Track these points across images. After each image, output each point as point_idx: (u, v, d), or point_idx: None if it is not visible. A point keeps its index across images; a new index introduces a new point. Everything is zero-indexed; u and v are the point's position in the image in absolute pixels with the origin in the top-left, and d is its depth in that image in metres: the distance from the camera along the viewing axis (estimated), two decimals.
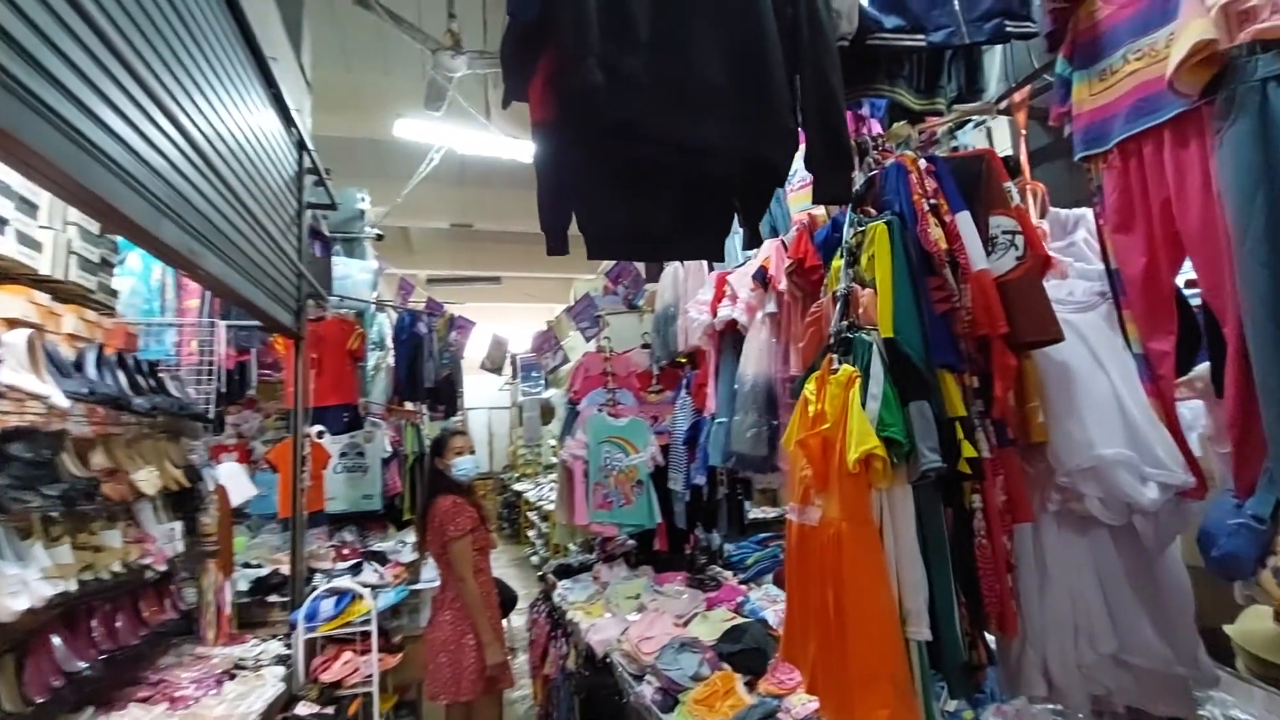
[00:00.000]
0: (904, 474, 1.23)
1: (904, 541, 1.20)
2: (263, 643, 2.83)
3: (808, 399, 1.49)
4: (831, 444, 1.33)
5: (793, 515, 1.48)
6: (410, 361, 5.26)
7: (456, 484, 3.07)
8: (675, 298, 3.72)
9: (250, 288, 2.56)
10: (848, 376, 1.30)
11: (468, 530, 2.89)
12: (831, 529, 1.29)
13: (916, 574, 1.20)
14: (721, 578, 3.54)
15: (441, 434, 3.13)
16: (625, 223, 1.34)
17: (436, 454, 3.09)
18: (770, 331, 2.35)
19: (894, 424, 1.21)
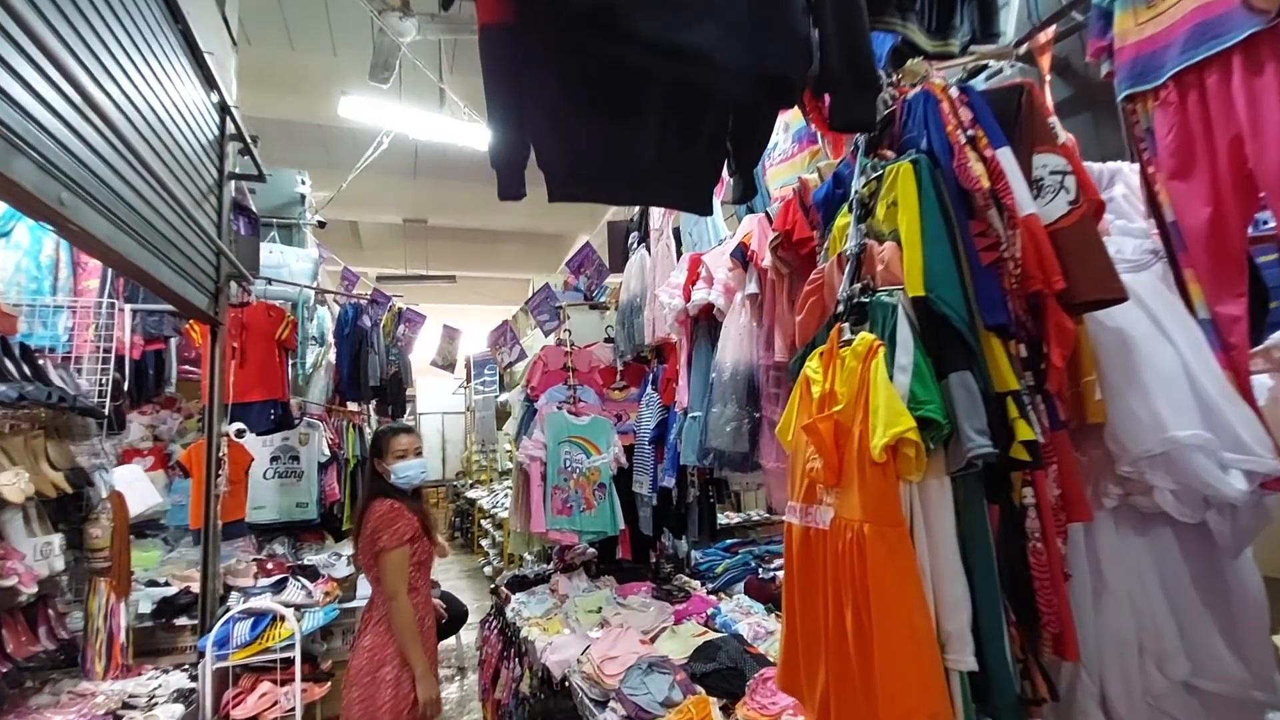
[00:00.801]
0: (940, 463, 0.99)
1: (941, 547, 0.97)
2: (163, 674, 2.44)
3: (810, 378, 1.25)
4: (847, 429, 1.09)
5: (793, 517, 1.24)
6: (353, 357, 4.87)
7: (398, 490, 2.54)
8: (642, 288, 3.47)
9: (151, 259, 2.19)
10: (867, 346, 1.06)
11: (405, 540, 2.35)
12: (849, 532, 1.04)
13: (957, 587, 0.96)
14: (689, 588, 3.29)
15: (382, 431, 2.57)
16: (596, 154, 1.08)
17: (375, 455, 2.53)
18: (751, 314, 2.12)
19: (930, 400, 0.97)
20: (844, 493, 1.09)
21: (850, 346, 1.11)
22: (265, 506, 4.28)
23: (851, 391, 1.09)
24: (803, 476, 1.22)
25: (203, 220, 2.66)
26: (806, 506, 1.20)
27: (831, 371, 1.17)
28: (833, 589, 1.08)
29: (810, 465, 1.16)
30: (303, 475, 4.39)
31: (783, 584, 1.28)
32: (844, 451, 1.09)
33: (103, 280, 3.05)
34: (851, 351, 1.09)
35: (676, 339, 3.02)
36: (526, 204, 4.32)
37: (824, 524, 1.13)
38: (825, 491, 1.14)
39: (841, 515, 1.08)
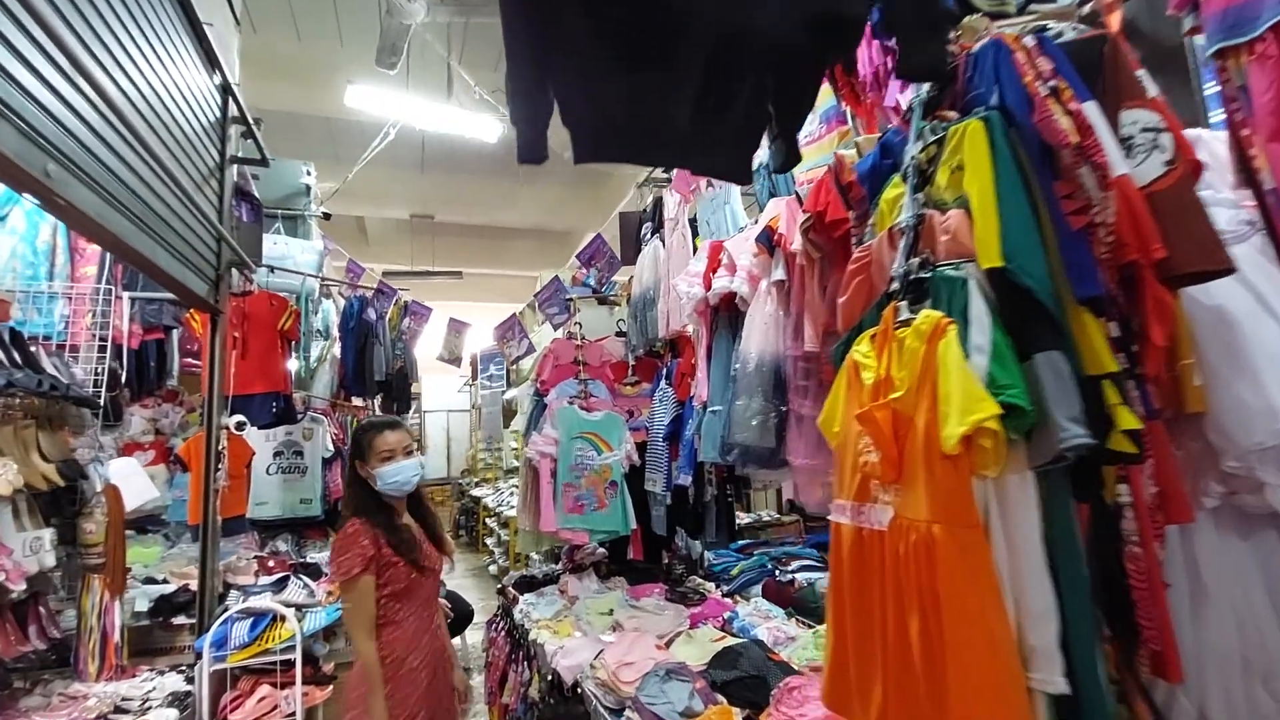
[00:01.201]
0: (1022, 455, 0.88)
1: (1024, 551, 0.85)
2: (158, 676, 2.33)
3: (860, 363, 1.13)
4: (908, 418, 0.97)
5: (842, 516, 1.12)
6: (358, 351, 4.78)
7: (378, 502, 2.01)
8: (655, 280, 3.36)
9: (147, 241, 2.08)
10: (933, 325, 0.94)
11: (354, 573, 1.85)
12: (913, 534, 0.93)
13: (1043, 597, 0.84)
14: (704, 590, 3.17)
15: (363, 428, 2.08)
16: (626, 111, 0.96)
17: (357, 456, 2.03)
18: (778, 302, 2.00)
19: (1012, 384, 0.85)
20: (906, 490, 0.97)
21: (911, 326, 0.99)
22: (268, 502, 4.19)
23: (913, 376, 0.97)
24: (854, 472, 1.10)
25: (203, 204, 2.56)
26: (859, 505, 1.08)
27: (886, 355, 1.06)
28: (893, 596, 0.97)
29: (864, 459, 1.04)
30: (306, 471, 4.29)
31: (828, 589, 1.17)
32: (905, 443, 0.98)
33: (101, 266, 2.95)
34: (913, 332, 0.97)
35: (693, 331, 2.90)
36: (536, 200, 4.18)
37: (881, 524, 1.01)
38: (882, 488, 1.03)
39: (903, 515, 0.97)
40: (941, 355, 0.90)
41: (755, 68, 1.00)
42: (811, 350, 1.83)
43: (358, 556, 1.86)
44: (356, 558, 1.86)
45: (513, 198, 9.29)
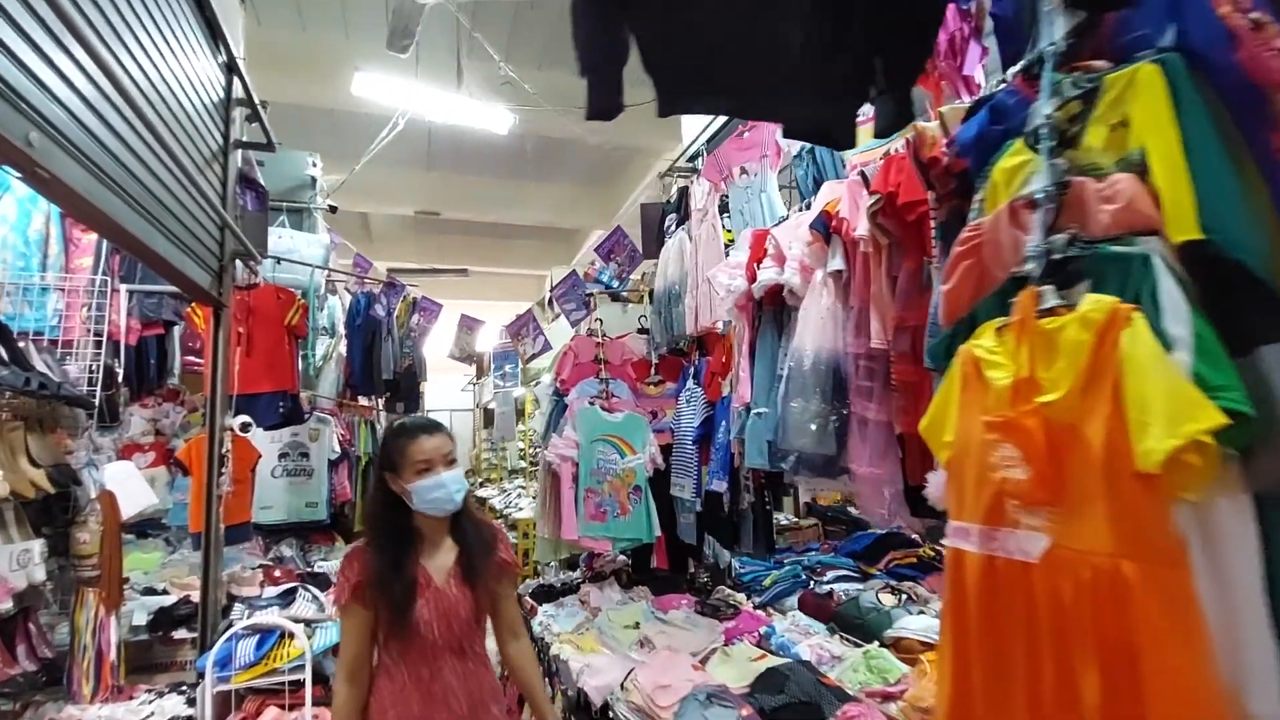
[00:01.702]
0: (1237, 475, 0.70)
1: (1241, 596, 0.68)
2: (157, 698, 2.16)
3: (984, 360, 0.95)
4: (1070, 427, 0.80)
5: (965, 542, 0.94)
6: (365, 349, 4.61)
7: (399, 525, 1.64)
8: (681, 274, 3.19)
9: (144, 225, 1.91)
10: (1107, 312, 0.77)
11: (340, 601, 1.60)
12: (1085, 569, 0.76)
13: (1265, 653, 0.67)
14: (735, 601, 2.99)
15: (393, 433, 1.71)
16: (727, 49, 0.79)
17: (387, 468, 1.64)
18: (835, 295, 1.83)
19: (1228, 385, 0.68)
20: (1069, 514, 0.80)
21: (1069, 315, 0.81)
22: (273, 506, 4.03)
23: (1077, 375, 0.79)
24: (980, 488, 0.92)
25: (206, 189, 2.38)
26: (990, 529, 0.90)
27: (1026, 350, 0.88)
28: (1052, 642, 0.79)
29: (1001, 475, 0.87)
30: (313, 473, 4.13)
31: (945, 625, 0.99)
32: (1066, 456, 0.80)
33: (97, 258, 2.79)
34: (1076, 321, 0.80)
35: (727, 327, 2.73)
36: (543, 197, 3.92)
37: (1029, 554, 0.84)
38: (1027, 511, 0.85)
39: (1067, 545, 0.79)
40: (1126, 350, 0.73)
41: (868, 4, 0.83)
42: (878, 347, 1.65)
43: (345, 584, 1.58)
44: (344, 584, 1.58)
45: (520, 195, 9.14)
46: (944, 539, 1.00)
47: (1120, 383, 0.73)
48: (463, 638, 1.65)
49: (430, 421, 1.74)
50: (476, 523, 1.74)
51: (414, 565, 1.62)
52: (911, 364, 1.58)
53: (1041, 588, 0.81)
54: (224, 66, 2.70)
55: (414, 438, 1.63)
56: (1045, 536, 0.82)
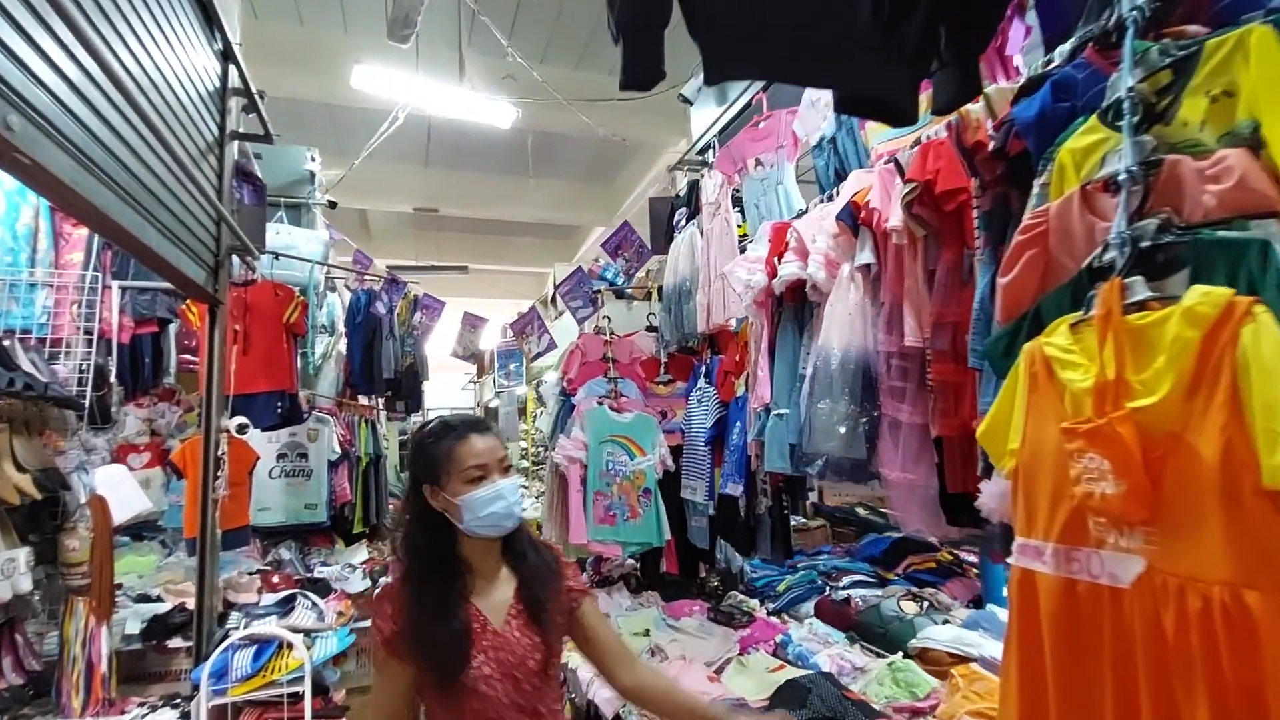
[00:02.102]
0: None
1: None
2: (150, 712, 2.07)
3: (1055, 360, 0.86)
4: (1171, 435, 0.71)
5: (1037, 562, 0.85)
6: (366, 347, 4.51)
7: (442, 552, 1.28)
8: (693, 270, 3.10)
9: (134, 218, 1.81)
10: (1221, 306, 0.68)
11: (377, 653, 1.25)
12: (1195, 599, 0.67)
13: None
14: (748, 608, 2.90)
15: (432, 433, 1.33)
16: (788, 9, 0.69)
17: (427, 479, 1.28)
18: (864, 290, 1.74)
19: None
20: (1170, 535, 0.71)
21: (1176, 308, 0.72)
22: (271, 508, 3.93)
23: (1179, 376, 0.70)
24: (1057, 503, 0.83)
25: (201, 181, 2.29)
26: (1069, 549, 0.81)
27: (1111, 349, 0.79)
28: (1149, 678, 0.70)
29: (1084, 489, 0.78)
30: (312, 474, 4.03)
31: (1010, 651, 0.90)
32: (1166, 469, 0.71)
33: (88, 253, 2.69)
34: (1182, 315, 0.70)
35: (740, 324, 2.64)
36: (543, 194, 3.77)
37: (1119, 579, 0.75)
38: (1117, 530, 0.76)
39: (1168, 570, 0.70)
40: (1249, 349, 0.64)
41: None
42: (912, 345, 1.56)
43: (376, 633, 1.24)
44: (375, 634, 1.24)
45: (520, 192, 9.04)
46: (1010, 558, 0.91)
47: (1241, 386, 0.64)
48: (534, 696, 1.24)
49: (477, 418, 1.40)
50: (534, 544, 1.36)
51: (465, 606, 1.24)
52: (951, 362, 1.49)
53: (1136, 617, 0.72)
54: (219, 54, 2.60)
55: (463, 438, 1.26)
56: (1140, 559, 0.72)
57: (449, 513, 1.25)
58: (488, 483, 1.24)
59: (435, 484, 1.26)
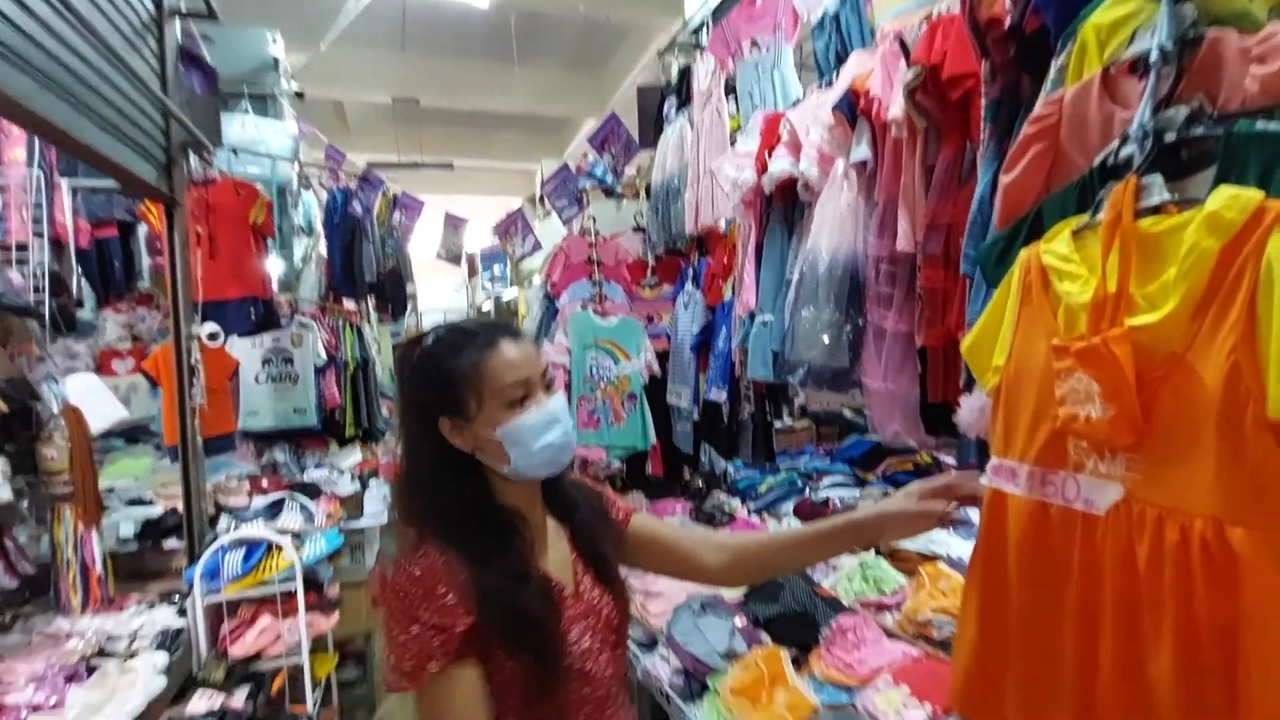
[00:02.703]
0: None
1: None
2: (148, 609, 2.14)
3: (1052, 270, 0.79)
4: (1170, 357, 0.64)
5: (1010, 483, 0.82)
6: (345, 250, 4.36)
7: (486, 505, 0.93)
8: (681, 166, 2.91)
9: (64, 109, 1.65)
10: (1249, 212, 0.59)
11: (426, 669, 0.81)
12: (1172, 530, 0.63)
13: None
14: (730, 508, 2.97)
15: (447, 344, 0.93)
16: None
17: (448, 409, 0.91)
18: (858, 189, 1.62)
19: None
20: (1154, 463, 0.66)
21: (1197, 212, 0.63)
22: (260, 413, 3.94)
23: (1190, 290, 0.63)
24: (1038, 423, 0.78)
25: (138, 67, 2.08)
26: (1044, 472, 0.77)
27: (1116, 259, 0.71)
28: (1115, 610, 0.68)
29: (1067, 410, 0.72)
30: (298, 379, 4.01)
31: (973, 570, 0.89)
32: (1160, 393, 0.65)
33: (29, 150, 2.49)
34: (1204, 222, 0.62)
35: (731, 225, 2.52)
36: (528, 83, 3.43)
37: (1094, 506, 0.71)
38: (1098, 455, 0.71)
39: (1146, 499, 0.66)
40: (1273, 261, 0.56)
41: None
42: (904, 250, 1.47)
43: (436, 634, 0.82)
44: (432, 638, 0.82)
45: (504, 80, 8.45)
46: (983, 476, 0.88)
47: (1260, 304, 0.57)
48: (624, 660, 1.04)
49: (499, 320, 1.05)
50: (577, 481, 1.10)
51: (539, 572, 0.93)
52: (942, 269, 1.41)
53: (1108, 546, 0.69)
54: None
55: (492, 347, 0.90)
56: (1119, 486, 0.68)
57: (483, 453, 0.92)
58: (535, 404, 0.91)
59: (459, 415, 0.90)
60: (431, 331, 0.96)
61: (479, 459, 0.93)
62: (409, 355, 0.96)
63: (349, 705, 2.90)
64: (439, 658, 0.81)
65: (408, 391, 0.97)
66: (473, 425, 0.91)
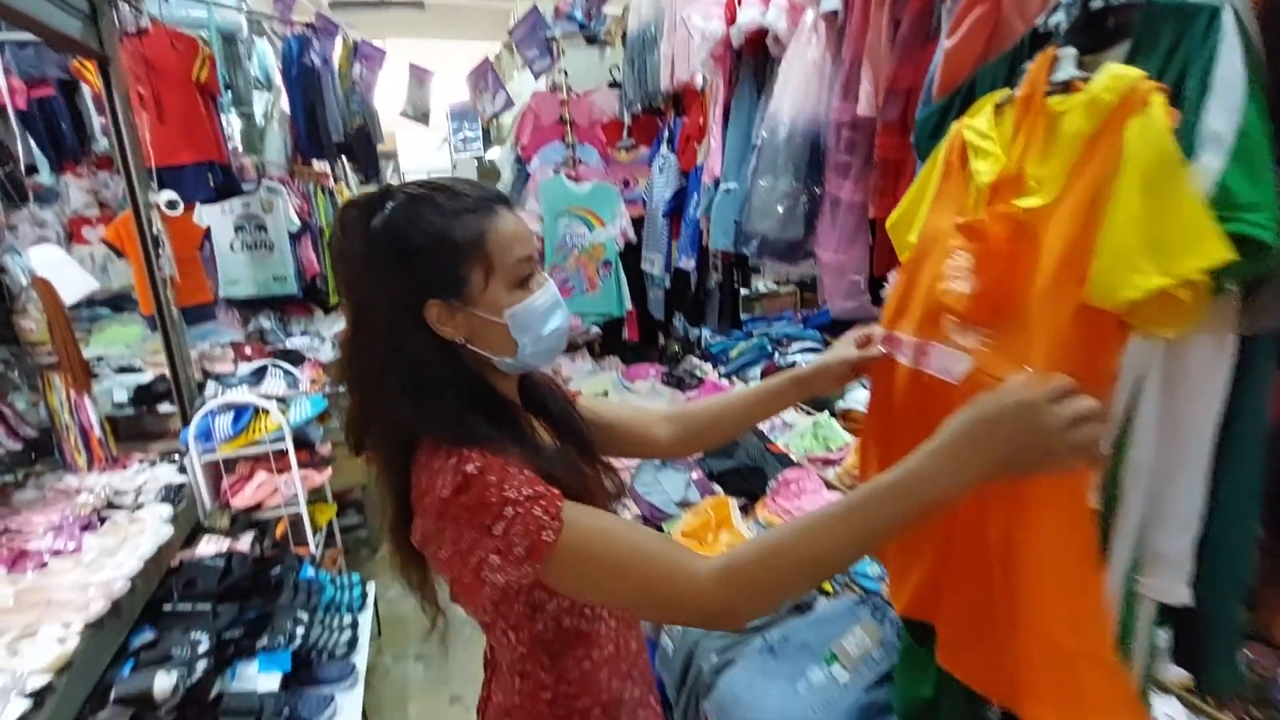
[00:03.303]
0: (1230, 314, 0.59)
1: (1189, 442, 0.62)
2: (150, 467, 2.30)
3: (973, 145, 0.78)
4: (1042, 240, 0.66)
5: (898, 352, 0.87)
6: (308, 106, 4.10)
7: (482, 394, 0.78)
8: (657, 13, 2.69)
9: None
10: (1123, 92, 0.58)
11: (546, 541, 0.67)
12: None
13: (1192, 499, 0.63)
14: (700, 372, 3.09)
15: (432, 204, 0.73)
16: None
17: (440, 290, 0.74)
18: (826, 45, 1.53)
19: (1258, 204, 0.53)
20: (1003, 338, 0.70)
21: (1079, 93, 0.62)
22: (240, 281, 3.94)
23: (1065, 175, 0.63)
24: (924, 297, 0.82)
25: None
26: (923, 343, 0.82)
27: (1024, 137, 0.70)
28: None
29: (944, 286, 0.75)
30: (274, 246, 3.96)
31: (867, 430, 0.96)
32: (1021, 274, 0.68)
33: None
34: (1082, 105, 0.61)
35: (706, 83, 2.37)
36: None
37: (952, 375, 0.76)
38: (962, 329, 0.76)
39: (989, 371, 0.71)
40: (1128, 145, 0.56)
41: None
42: (865, 115, 1.42)
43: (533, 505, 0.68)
44: (531, 508, 0.67)
45: None
46: (874, 347, 0.93)
47: (1108, 191, 0.58)
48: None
49: (488, 186, 0.81)
50: (558, 389, 0.97)
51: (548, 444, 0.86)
52: (898, 137, 1.37)
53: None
54: None
55: (494, 214, 0.75)
56: (969, 359, 0.73)
57: (478, 342, 0.77)
58: (540, 286, 0.79)
59: (455, 296, 0.74)
60: (400, 191, 0.74)
61: (474, 351, 0.76)
62: (366, 219, 0.72)
63: (352, 546, 3.20)
64: (550, 522, 0.67)
65: (376, 266, 0.72)
66: (472, 308, 0.74)
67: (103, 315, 3.85)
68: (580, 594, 0.75)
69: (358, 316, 0.77)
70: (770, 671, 1.27)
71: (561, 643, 0.79)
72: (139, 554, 1.73)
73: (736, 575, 0.65)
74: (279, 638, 1.86)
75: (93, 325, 3.72)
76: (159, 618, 1.79)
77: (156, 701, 1.52)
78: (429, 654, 2.67)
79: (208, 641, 1.68)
